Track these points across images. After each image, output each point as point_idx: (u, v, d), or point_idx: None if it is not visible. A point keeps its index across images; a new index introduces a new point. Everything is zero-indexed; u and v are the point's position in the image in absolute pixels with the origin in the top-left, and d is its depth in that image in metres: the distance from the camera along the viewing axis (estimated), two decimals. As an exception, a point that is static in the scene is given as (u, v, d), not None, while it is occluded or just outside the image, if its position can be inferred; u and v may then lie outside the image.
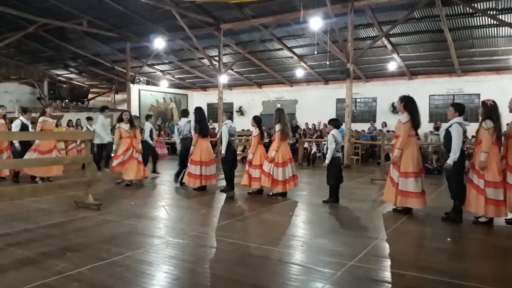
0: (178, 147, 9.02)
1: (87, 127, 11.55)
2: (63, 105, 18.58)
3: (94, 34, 16.27)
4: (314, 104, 18.72)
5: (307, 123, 17.97)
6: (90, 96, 20.92)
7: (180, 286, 3.40)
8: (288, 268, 3.81)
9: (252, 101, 20.81)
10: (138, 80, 19.91)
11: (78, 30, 15.62)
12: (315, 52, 13.81)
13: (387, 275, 3.71)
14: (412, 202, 5.79)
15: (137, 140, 8.68)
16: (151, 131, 10.45)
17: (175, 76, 21.60)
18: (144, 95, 20.47)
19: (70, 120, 14.37)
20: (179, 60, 18.95)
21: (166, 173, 10.46)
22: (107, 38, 16.63)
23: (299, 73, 17.62)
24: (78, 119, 14.44)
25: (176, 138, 9.33)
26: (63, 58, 20.69)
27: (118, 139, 8.52)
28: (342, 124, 8.73)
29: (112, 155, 8.63)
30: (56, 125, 12.58)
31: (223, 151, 7.63)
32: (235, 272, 3.76)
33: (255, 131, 7.66)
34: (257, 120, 7.72)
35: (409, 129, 5.87)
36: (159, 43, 15.56)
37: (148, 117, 11.09)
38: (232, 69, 18.37)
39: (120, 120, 8.67)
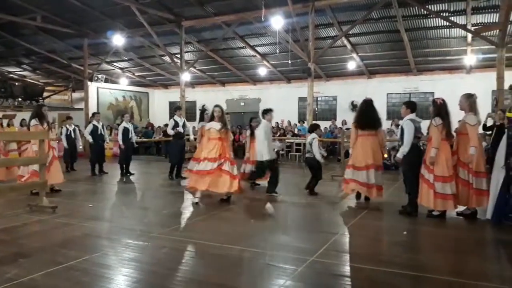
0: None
1: (66, 127, 11.03)
2: (16, 104, 17.69)
3: (49, 30, 15.57)
4: (277, 103, 18.77)
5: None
6: (45, 94, 20.05)
7: (140, 288, 3.32)
8: (251, 266, 3.82)
9: (215, 99, 20.53)
10: (96, 78, 19.26)
11: (31, 25, 14.90)
12: (277, 51, 13.91)
13: (346, 269, 3.80)
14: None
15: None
16: (124, 131, 10.14)
17: (135, 74, 21.11)
18: (102, 93, 19.85)
19: (23, 119, 13.68)
20: (139, 57, 18.52)
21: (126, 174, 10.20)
22: (63, 34, 15.98)
23: (262, 71, 17.71)
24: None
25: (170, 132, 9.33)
26: (15, 54, 19.67)
27: None
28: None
29: None
30: (8, 125, 11.97)
31: None
32: (197, 272, 3.72)
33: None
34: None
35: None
36: (118, 39, 15.13)
37: (122, 115, 10.87)
38: (195, 67, 18.19)
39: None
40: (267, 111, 7.59)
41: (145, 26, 13.60)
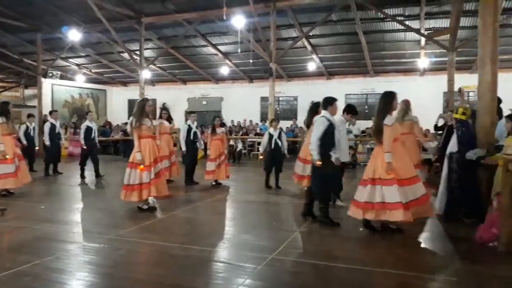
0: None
1: (26, 125, 10.45)
2: (-39, 100, 16.57)
3: (-2, 23, 14.71)
4: (239, 102, 18.90)
5: (232, 121, 18.09)
6: (-6, 90, 18.95)
7: (94, 292, 3.23)
8: (210, 266, 3.81)
9: (177, 98, 20.37)
10: (50, 74, 18.42)
11: (-22, 17, 14.03)
12: (239, 50, 13.91)
13: (304, 266, 3.87)
14: None
15: None
16: (87, 131, 9.74)
17: (93, 71, 20.38)
18: (57, 90, 19.06)
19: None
20: (96, 54, 17.91)
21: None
22: (14, 28, 15.11)
23: (224, 70, 17.65)
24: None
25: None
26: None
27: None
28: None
29: None
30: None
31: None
32: (155, 274, 3.66)
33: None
34: None
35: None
36: (74, 35, 14.52)
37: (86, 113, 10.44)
38: (155, 64, 17.84)
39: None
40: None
41: (103, 21, 13.17)
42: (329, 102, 5.28)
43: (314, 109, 7.39)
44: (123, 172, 9.50)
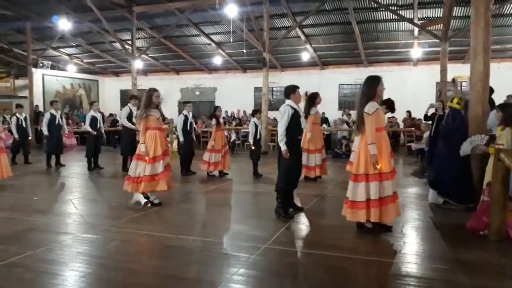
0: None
1: (16, 116, 10.30)
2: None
3: (-16, 11, 14.43)
4: (233, 92, 18.82)
5: (226, 111, 18.01)
6: (-17, 81, 18.68)
7: (88, 282, 3.21)
8: (205, 256, 3.81)
9: (170, 88, 20.21)
10: (41, 64, 18.19)
11: (-36, 6, 13.75)
12: (231, 40, 13.82)
13: (297, 255, 3.90)
14: None
15: None
16: (92, 120, 9.52)
17: (84, 61, 20.16)
18: (48, 80, 18.83)
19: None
20: (88, 43, 17.69)
21: (74, 165, 9.79)
22: (2, 17, 14.87)
23: (218, 60, 17.52)
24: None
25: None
26: None
27: None
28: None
29: None
30: None
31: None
32: (149, 264, 3.67)
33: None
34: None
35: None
36: (64, 24, 14.30)
37: (92, 103, 10.45)
38: (147, 54, 17.67)
39: None
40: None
41: (94, 10, 12.98)
42: (292, 90, 5.11)
43: (312, 99, 7.55)
44: (116, 163, 9.58)
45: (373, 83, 4.34)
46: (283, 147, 4.94)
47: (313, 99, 7.74)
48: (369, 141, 4.20)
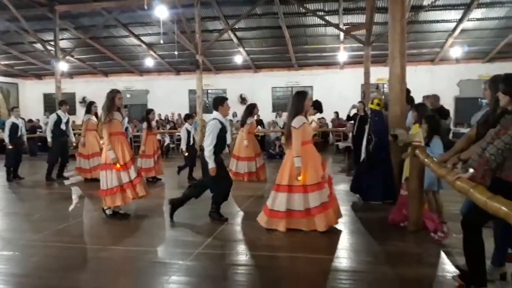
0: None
1: None
2: None
3: None
4: (166, 95, 18.41)
5: (160, 114, 17.56)
6: None
7: (3, 304, 2.97)
8: (134, 266, 3.68)
9: (98, 91, 19.17)
10: (-51, 66, 16.45)
11: None
12: (161, 41, 13.52)
13: (230, 257, 3.91)
14: None
15: None
16: (12, 128, 8.76)
17: (1, 63, 18.54)
18: (-41, 84, 17.09)
19: None
20: (4, 44, 16.28)
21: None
22: None
23: (149, 62, 17.02)
24: None
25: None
26: None
27: None
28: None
29: None
30: None
31: None
32: (72, 278, 3.46)
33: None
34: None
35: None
36: (-25, 22, 13.08)
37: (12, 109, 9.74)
38: (72, 56, 16.70)
39: None
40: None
41: (11, 9, 11.99)
42: (220, 102, 4.98)
43: (250, 109, 7.80)
44: (38, 172, 8.92)
45: (300, 98, 4.52)
46: (212, 165, 4.79)
47: (251, 109, 8.04)
48: (294, 154, 4.34)
